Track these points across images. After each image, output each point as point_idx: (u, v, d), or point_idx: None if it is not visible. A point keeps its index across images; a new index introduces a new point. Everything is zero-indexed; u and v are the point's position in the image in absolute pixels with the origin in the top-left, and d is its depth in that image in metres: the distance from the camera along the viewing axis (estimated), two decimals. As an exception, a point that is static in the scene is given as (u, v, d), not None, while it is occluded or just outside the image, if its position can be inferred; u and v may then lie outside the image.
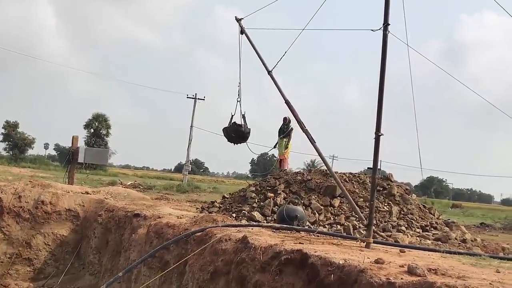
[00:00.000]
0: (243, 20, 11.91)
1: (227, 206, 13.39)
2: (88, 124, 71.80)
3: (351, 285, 5.57)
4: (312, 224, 11.36)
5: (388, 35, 8.23)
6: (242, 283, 7.41)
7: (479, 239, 13.17)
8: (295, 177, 13.81)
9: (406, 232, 11.62)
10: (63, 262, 13.39)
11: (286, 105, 10.78)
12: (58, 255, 13.43)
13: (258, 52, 11.37)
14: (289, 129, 17.57)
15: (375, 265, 5.68)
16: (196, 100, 48.88)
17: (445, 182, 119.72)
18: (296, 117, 10.50)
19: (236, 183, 58.75)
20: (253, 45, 11.44)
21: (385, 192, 13.51)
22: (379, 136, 8.10)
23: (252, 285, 7.13)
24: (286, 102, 10.80)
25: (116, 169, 79.96)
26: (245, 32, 11.84)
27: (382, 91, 8.21)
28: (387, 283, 5.16)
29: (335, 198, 12.63)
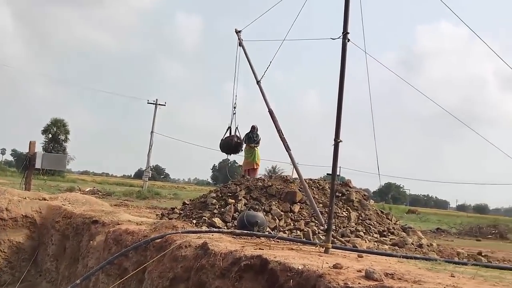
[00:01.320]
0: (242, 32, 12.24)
1: (187, 213, 13.31)
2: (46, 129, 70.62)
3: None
4: (272, 230, 11.38)
5: (347, 44, 8.35)
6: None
7: (435, 244, 13.42)
8: (256, 183, 13.82)
9: (364, 237, 11.76)
10: (19, 270, 13.06)
11: (269, 113, 11.05)
12: (14, 263, 13.10)
13: (251, 63, 11.59)
14: (258, 138, 17.60)
15: (333, 270, 5.72)
16: (157, 105, 48.49)
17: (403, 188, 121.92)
18: (277, 126, 10.70)
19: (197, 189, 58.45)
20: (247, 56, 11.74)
21: (344, 198, 13.65)
22: (338, 142, 8.19)
23: (212, 291, 7.10)
24: (269, 111, 11.04)
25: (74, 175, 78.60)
26: (242, 45, 12.04)
27: (341, 98, 8.31)
28: (345, 287, 5.21)
29: (295, 204, 12.70)
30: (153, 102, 48.69)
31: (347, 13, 8.42)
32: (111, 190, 31.62)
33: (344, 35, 8.34)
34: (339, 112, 8.29)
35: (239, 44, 12.23)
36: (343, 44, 8.34)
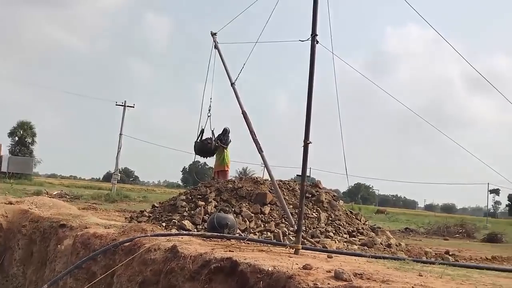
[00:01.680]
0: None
1: (156, 215, 13.20)
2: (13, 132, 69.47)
3: (280, 292, 5.61)
4: (242, 232, 11.36)
5: (316, 45, 8.40)
6: (172, 292, 7.33)
7: (403, 244, 13.58)
8: (226, 185, 13.79)
9: (333, 238, 11.82)
10: (-16, 276, 12.81)
11: (243, 115, 11.11)
12: (-20, 269, 12.84)
13: (226, 65, 11.61)
14: (229, 140, 17.56)
15: (303, 271, 5.74)
16: (126, 107, 48.06)
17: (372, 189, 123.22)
18: (250, 127, 10.76)
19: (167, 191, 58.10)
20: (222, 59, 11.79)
21: (313, 199, 13.71)
22: (307, 144, 8.22)
23: (182, 295, 7.06)
24: (243, 113, 11.10)
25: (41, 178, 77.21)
26: (217, 47, 12.04)
27: (310, 100, 8.35)
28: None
29: (265, 206, 12.69)
30: (122, 104, 48.29)
31: (315, 16, 8.48)
32: (79, 194, 31.13)
33: (313, 37, 8.39)
34: (308, 114, 8.33)
35: (214, 46, 12.26)
36: (311, 46, 8.39)
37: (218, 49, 12.15)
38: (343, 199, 17.85)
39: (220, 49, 12.19)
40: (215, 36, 12.40)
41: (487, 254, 13.99)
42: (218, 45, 12.26)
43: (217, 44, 12.20)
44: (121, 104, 48.26)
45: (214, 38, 12.38)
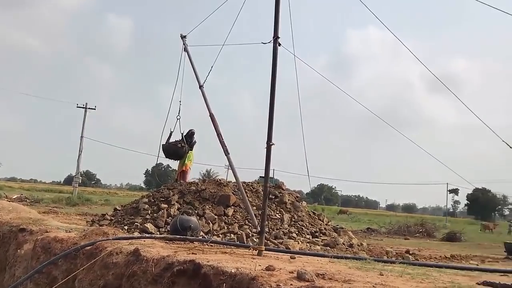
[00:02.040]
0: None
1: (119, 219, 13.07)
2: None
3: (243, 293, 5.61)
4: (206, 234, 11.34)
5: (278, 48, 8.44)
6: (134, 296, 7.26)
7: (365, 244, 13.76)
8: (189, 187, 13.73)
9: (297, 239, 11.90)
10: None
11: (210, 118, 11.12)
12: None
13: (195, 68, 11.61)
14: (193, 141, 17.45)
15: (266, 272, 5.75)
16: (87, 109, 47.36)
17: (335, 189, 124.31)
18: (217, 130, 10.77)
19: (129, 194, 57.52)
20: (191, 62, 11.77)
21: (277, 200, 13.77)
22: (270, 145, 8.25)
23: (144, 298, 7.00)
24: (211, 115, 11.10)
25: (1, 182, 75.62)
26: (187, 50, 12.01)
27: (273, 101, 8.38)
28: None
29: (229, 208, 12.70)
30: (83, 106, 47.55)
31: (277, 19, 8.53)
32: (40, 197, 30.57)
33: (275, 40, 8.44)
34: (271, 115, 8.36)
35: (184, 49, 12.25)
36: (273, 48, 8.43)
37: (188, 52, 12.14)
38: (306, 200, 17.95)
39: (189, 51, 12.18)
40: (185, 39, 12.38)
41: (446, 252, 14.29)
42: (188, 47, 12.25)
43: (187, 47, 12.18)
44: (82, 106, 47.49)
45: (183, 40, 12.37)
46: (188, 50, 12.20)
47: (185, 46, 12.26)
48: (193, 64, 11.89)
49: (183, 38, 12.42)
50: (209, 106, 11.31)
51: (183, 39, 12.41)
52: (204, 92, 11.42)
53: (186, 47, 12.22)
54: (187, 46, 12.23)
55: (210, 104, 11.46)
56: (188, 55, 12.14)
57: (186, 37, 12.43)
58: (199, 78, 11.51)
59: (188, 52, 12.16)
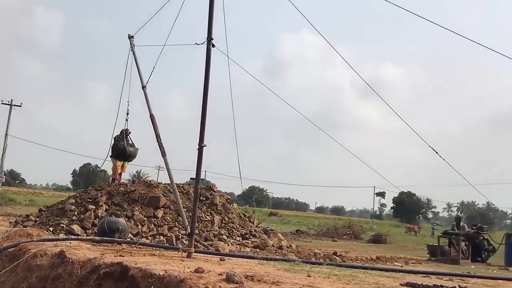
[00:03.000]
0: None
1: (44, 220, 12.69)
2: None
3: (171, 296, 5.58)
4: (134, 236, 11.18)
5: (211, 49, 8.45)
6: (58, 299, 7.08)
7: (294, 246, 13.95)
8: (118, 188, 13.50)
9: (227, 241, 11.93)
10: None
11: (150, 119, 11.00)
12: None
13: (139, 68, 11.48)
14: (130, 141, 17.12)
15: (195, 275, 5.73)
16: (12, 106, 45.73)
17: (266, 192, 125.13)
18: (156, 131, 10.65)
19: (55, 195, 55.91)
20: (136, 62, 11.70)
21: (208, 202, 13.75)
22: (202, 147, 8.24)
23: (69, 301, 6.84)
24: (151, 116, 10.97)
25: None
26: (133, 50, 11.89)
27: (205, 103, 8.38)
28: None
29: (158, 209, 12.57)
30: (8, 102, 45.89)
31: (211, 20, 8.55)
32: (-41, 197, 29.32)
33: (208, 41, 8.45)
34: (203, 117, 8.36)
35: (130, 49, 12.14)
36: (207, 49, 8.44)
37: (134, 52, 12.05)
38: (237, 202, 18.06)
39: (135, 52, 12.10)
40: (132, 39, 12.26)
41: (372, 254, 14.68)
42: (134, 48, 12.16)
43: (133, 47, 12.08)
44: (7, 103, 45.80)
45: (131, 41, 12.26)
46: (135, 50, 12.12)
47: (132, 46, 12.17)
48: (138, 65, 11.79)
49: (130, 38, 12.31)
50: (150, 107, 11.23)
51: (130, 39, 12.30)
52: (147, 92, 11.35)
53: (133, 48, 12.12)
54: (134, 46, 12.13)
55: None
56: (134, 56, 12.07)
57: (134, 37, 12.32)
58: (142, 78, 11.41)
59: (134, 52, 12.09)
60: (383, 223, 68.88)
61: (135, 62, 11.90)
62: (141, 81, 11.36)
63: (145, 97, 11.40)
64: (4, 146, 44.19)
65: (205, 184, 16.58)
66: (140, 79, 11.46)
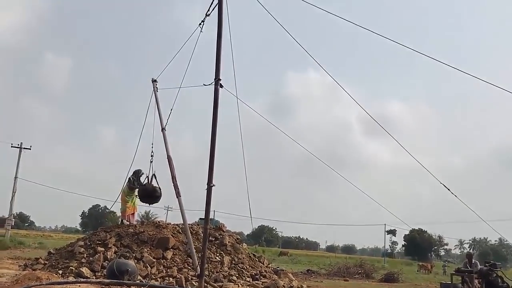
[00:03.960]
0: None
1: (53, 263, 12.62)
2: None
3: None
4: (144, 278, 11.09)
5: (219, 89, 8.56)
6: None
7: (305, 286, 13.78)
8: (127, 229, 13.46)
9: (237, 282, 11.80)
10: None
11: (168, 160, 11.13)
12: None
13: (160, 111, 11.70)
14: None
15: (205, 317, 5.68)
16: (22, 149, 46.05)
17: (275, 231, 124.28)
18: (172, 172, 10.76)
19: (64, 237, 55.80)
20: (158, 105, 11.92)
21: (217, 242, 13.67)
22: (211, 187, 8.26)
23: None
24: (168, 157, 11.10)
25: None
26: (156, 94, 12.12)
27: (214, 142, 8.43)
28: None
29: (168, 250, 12.50)
30: (18, 145, 46.24)
31: (218, 61, 8.68)
32: (-32, 241, 29.29)
33: (216, 81, 8.56)
34: (211, 156, 8.40)
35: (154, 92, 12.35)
36: (215, 90, 8.54)
37: (156, 96, 12.23)
38: (246, 242, 17.97)
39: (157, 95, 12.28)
40: (156, 83, 12.46)
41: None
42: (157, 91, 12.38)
43: (156, 91, 12.29)
44: (17, 146, 46.12)
45: (154, 84, 12.47)
46: (157, 94, 12.31)
47: (155, 89, 12.38)
48: (159, 107, 11.96)
49: (154, 82, 12.52)
50: (168, 149, 11.36)
51: (153, 83, 12.51)
52: (165, 134, 11.50)
53: (155, 91, 12.34)
54: (157, 89, 12.35)
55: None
56: (155, 98, 12.23)
57: (157, 81, 12.51)
58: (162, 120, 11.56)
59: (157, 95, 12.26)
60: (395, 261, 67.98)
61: (157, 104, 12.07)
62: (161, 123, 11.53)
63: (164, 139, 11.57)
64: (13, 189, 44.29)
65: (214, 224, 16.51)
66: (160, 121, 11.62)
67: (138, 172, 15.64)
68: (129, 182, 15.40)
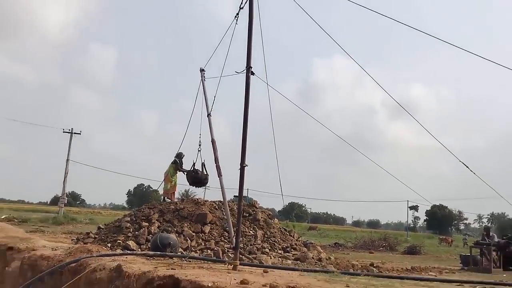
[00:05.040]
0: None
1: (102, 237, 12.88)
2: (-40, 158, 66.29)
3: (220, 305, 5.58)
4: (184, 250, 11.24)
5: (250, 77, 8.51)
6: (116, 309, 7.14)
7: (333, 258, 13.76)
8: (169, 206, 13.63)
9: (269, 254, 11.87)
10: None
11: (212, 144, 11.33)
12: None
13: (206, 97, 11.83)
14: None
15: (240, 286, 5.72)
16: (72, 134, 46.83)
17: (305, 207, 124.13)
18: (216, 154, 10.93)
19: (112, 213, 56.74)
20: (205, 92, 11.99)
21: (250, 218, 13.74)
22: (243, 167, 8.26)
23: (126, 311, 6.90)
24: (212, 141, 11.26)
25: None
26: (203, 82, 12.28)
27: (246, 126, 8.41)
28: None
29: (206, 225, 12.62)
30: (69, 131, 47.01)
31: (249, 50, 8.61)
32: (27, 217, 30.00)
33: (248, 69, 8.51)
34: (244, 139, 8.39)
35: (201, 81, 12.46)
36: (246, 77, 8.50)
37: (204, 85, 12.35)
38: (278, 218, 17.93)
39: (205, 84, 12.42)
40: (204, 72, 12.56)
41: (407, 265, 14.38)
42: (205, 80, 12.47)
43: (204, 80, 12.39)
44: (68, 131, 46.93)
45: (202, 73, 12.56)
46: (205, 83, 12.43)
47: (203, 78, 12.48)
48: (206, 95, 12.06)
49: (202, 71, 12.60)
50: (212, 133, 11.49)
51: (201, 72, 12.59)
52: (211, 120, 11.62)
53: (203, 80, 12.44)
54: (204, 79, 12.45)
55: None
56: (203, 87, 12.34)
57: (205, 70, 12.60)
58: (208, 107, 11.67)
59: (204, 84, 12.37)
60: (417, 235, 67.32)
61: (204, 92, 12.14)
62: (207, 110, 11.62)
63: (209, 124, 11.67)
64: (66, 170, 45.19)
65: (247, 201, 16.60)
66: (206, 108, 11.73)
67: (180, 155, 15.78)
68: (175, 164, 15.59)
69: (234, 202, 14.48)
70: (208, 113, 11.63)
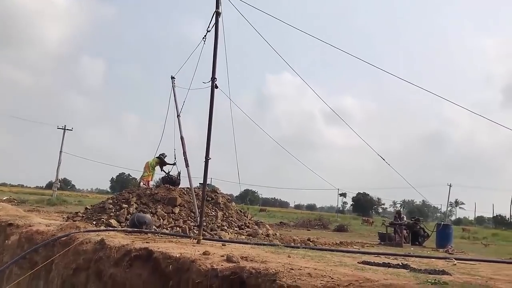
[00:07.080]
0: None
1: (89, 216, 12.57)
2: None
3: (185, 272, 5.58)
4: (157, 228, 11.10)
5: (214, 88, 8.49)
6: (100, 275, 7.07)
7: (278, 234, 13.86)
8: (145, 191, 13.43)
9: (227, 231, 11.86)
10: None
11: (181, 140, 11.29)
12: None
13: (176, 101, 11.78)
14: None
15: (203, 256, 5.73)
16: (65, 130, 45.76)
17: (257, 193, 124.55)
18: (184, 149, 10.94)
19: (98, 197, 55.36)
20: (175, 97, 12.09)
21: (213, 201, 13.69)
22: (208, 160, 8.26)
23: (108, 277, 6.82)
24: (181, 138, 11.19)
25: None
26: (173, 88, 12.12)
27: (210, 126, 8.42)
28: (211, 269, 5.25)
29: (176, 207, 12.50)
30: (62, 127, 45.93)
31: (214, 63, 8.59)
32: (25, 199, 28.98)
33: (212, 80, 8.49)
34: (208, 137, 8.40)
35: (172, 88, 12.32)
36: (211, 87, 8.48)
37: (174, 90, 12.20)
38: (235, 201, 17.95)
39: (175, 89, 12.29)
40: (174, 80, 12.40)
41: (337, 240, 14.63)
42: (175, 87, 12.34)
43: (174, 87, 12.24)
44: (62, 128, 45.88)
45: (172, 81, 12.40)
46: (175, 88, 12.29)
47: (174, 85, 12.31)
48: (176, 99, 11.96)
49: (172, 79, 12.42)
50: (181, 131, 11.45)
51: (172, 80, 12.41)
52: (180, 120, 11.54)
53: (174, 87, 12.29)
54: (175, 86, 12.30)
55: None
56: (173, 92, 12.19)
57: (175, 78, 12.44)
58: (178, 109, 11.59)
59: (174, 90, 12.23)
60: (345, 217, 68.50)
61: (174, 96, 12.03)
62: (177, 111, 11.54)
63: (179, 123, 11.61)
64: (59, 160, 44.20)
65: (211, 188, 16.50)
66: (176, 110, 11.63)
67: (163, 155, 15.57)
68: (159, 160, 15.35)
69: (200, 188, 14.39)
70: (178, 114, 11.54)
